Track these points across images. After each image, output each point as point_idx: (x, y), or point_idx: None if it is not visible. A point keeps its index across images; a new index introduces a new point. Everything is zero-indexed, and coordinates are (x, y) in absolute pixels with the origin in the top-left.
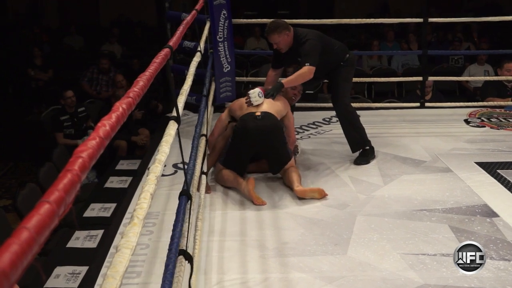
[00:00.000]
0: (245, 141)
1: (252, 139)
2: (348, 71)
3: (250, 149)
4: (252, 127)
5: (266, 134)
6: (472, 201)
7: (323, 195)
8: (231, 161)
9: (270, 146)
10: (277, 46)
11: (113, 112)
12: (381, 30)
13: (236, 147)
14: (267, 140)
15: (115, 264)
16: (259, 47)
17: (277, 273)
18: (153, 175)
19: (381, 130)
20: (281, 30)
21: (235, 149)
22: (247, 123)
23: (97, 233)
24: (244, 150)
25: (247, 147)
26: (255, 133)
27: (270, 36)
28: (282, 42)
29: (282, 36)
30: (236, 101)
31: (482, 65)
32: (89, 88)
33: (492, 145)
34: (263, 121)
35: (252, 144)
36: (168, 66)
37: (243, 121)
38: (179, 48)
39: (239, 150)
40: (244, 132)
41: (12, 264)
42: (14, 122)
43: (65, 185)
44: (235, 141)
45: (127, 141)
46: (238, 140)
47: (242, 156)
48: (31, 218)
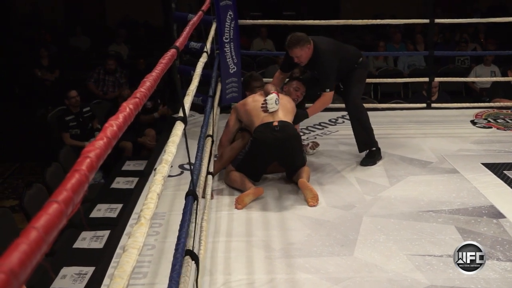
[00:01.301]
0: (264, 153)
1: (272, 151)
2: (362, 73)
3: (268, 160)
4: (272, 139)
5: (285, 145)
6: (479, 202)
7: (315, 202)
8: (245, 168)
9: (289, 155)
10: (299, 60)
11: (120, 112)
12: (387, 31)
13: (253, 157)
14: (286, 150)
15: (122, 264)
16: (265, 48)
17: (283, 274)
18: (160, 176)
19: (387, 131)
20: (303, 44)
21: (251, 158)
22: (266, 136)
23: (104, 234)
24: (261, 161)
25: (265, 158)
26: (274, 145)
27: (292, 50)
28: (304, 56)
29: (304, 50)
30: (242, 104)
31: (489, 66)
32: (95, 88)
33: (498, 146)
34: (281, 132)
35: (271, 156)
36: (175, 66)
37: (261, 133)
38: (186, 49)
39: (256, 160)
40: (263, 144)
41: (21, 264)
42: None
43: (73, 185)
44: (252, 152)
45: (133, 143)
46: (256, 151)
47: (259, 166)
48: (40, 217)
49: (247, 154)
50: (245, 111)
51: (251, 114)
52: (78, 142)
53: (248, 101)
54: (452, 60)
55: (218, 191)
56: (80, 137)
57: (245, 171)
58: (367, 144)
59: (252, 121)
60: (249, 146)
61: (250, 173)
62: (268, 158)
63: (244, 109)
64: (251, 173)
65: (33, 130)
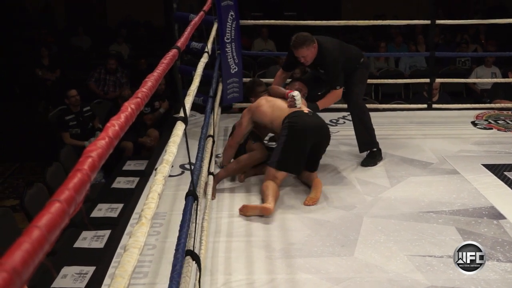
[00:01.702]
0: (305, 136)
1: (310, 134)
2: (363, 73)
3: (307, 144)
4: (310, 122)
5: (321, 132)
6: (479, 203)
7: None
8: (287, 162)
9: (324, 143)
10: (304, 59)
11: (122, 112)
12: (388, 31)
13: (293, 145)
14: (321, 137)
15: (124, 263)
16: (266, 48)
17: (283, 274)
18: (161, 175)
19: (388, 132)
20: (309, 43)
21: (292, 147)
22: (304, 119)
23: (104, 233)
24: (303, 146)
25: (306, 142)
26: (314, 129)
27: (299, 50)
28: (310, 56)
29: (310, 50)
30: (256, 107)
31: (490, 67)
32: (96, 88)
33: (499, 147)
34: (315, 117)
35: (310, 139)
36: (176, 67)
37: (298, 118)
38: (187, 49)
39: (298, 147)
40: (304, 127)
41: (24, 262)
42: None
43: (75, 184)
44: (293, 139)
45: (134, 143)
46: (297, 136)
47: (302, 153)
48: (42, 217)
49: (285, 146)
50: (263, 112)
51: (273, 112)
52: (77, 141)
53: (261, 103)
54: (453, 61)
55: (219, 191)
56: (81, 136)
57: (287, 166)
58: (368, 144)
59: (276, 117)
60: (287, 135)
61: (292, 166)
62: (308, 142)
63: (261, 110)
64: (293, 167)
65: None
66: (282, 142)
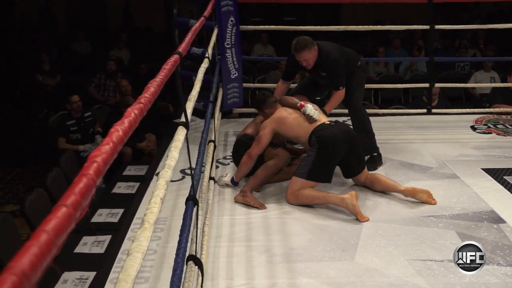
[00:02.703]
0: (335, 148)
1: (342, 144)
2: (362, 77)
3: (340, 154)
4: (337, 133)
5: (350, 135)
6: (479, 207)
7: (431, 199)
8: (318, 173)
9: (356, 147)
10: (307, 62)
11: (126, 117)
12: (388, 36)
13: (325, 157)
14: (354, 142)
15: (127, 268)
16: (266, 53)
17: (284, 279)
18: (163, 180)
19: (388, 136)
20: (310, 46)
21: (324, 159)
22: (331, 131)
23: (105, 239)
24: (335, 157)
25: (336, 153)
26: (343, 138)
27: (301, 53)
28: (312, 58)
29: (311, 52)
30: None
31: (488, 71)
32: (96, 93)
33: (498, 152)
34: (339, 125)
35: (343, 149)
36: (178, 72)
37: (325, 131)
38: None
39: (330, 158)
40: (333, 140)
41: (32, 266)
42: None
43: (81, 189)
44: (324, 151)
45: (133, 148)
46: (328, 149)
47: (333, 164)
48: (49, 221)
49: (316, 159)
50: (288, 124)
51: (298, 125)
52: (72, 146)
53: (284, 114)
54: (452, 66)
55: (220, 195)
56: (81, 141)
57: (319, 177)
58: (368, 149)
59: (301, 133)
60: (318, 148)
61: (323, 177)
62: (338, 153)
63: (286, 123)
64: (325, 177)
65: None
66: (313, 155)
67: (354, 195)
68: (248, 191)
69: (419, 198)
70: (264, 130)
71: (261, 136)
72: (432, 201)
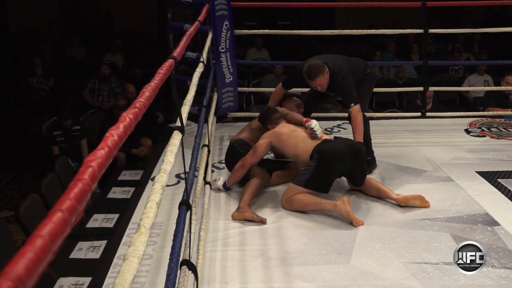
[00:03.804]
0: (338, 160)
1: (345, 156)
2: (370, 84)
3: (342, 167)
4: (342, 146)
5: (356, 149)
6: (473, 210)
7: (424, 203)
8: (316, 183)
9: (361, 159)
10: (321, 87)
11: (121, 122)
12: (382, 40)
13: (325, 168)
14: (359, 154)
15: (123, 272)
16: (260, 57)
17: (280, 283)
18: (159, 185)
19: (382, 140)
20: (323, 71)
21: (324, 171)
22: (335, 147)
23: (100, 244)
24: (336, 169)
25: (338, 166)
26: (347, 151)
27: (316, 80)
28: (325, 82)
29: (325, 76)
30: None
31: (482, 75)
32: (90, 98)
33: (492, 155)
34: (343, 139)
35: (347, 161)
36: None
37: (328, 144)
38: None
39: (330, 170)
40: (335, 152)
41: (28, 271)
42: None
43: (76, 194)
44: (324, 163)
45: (127, 153)
46: (329, 161)
47: (333, 176)
48: (45, 226)
49: (316, 169)
50: (285, 142)
51: (296, 145)
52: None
53: (283, 131)
54: (446, 70)
55: (215, 200)
56: (69, 151)
57: (314, 186)
58: None
59: (301, 151)
60: (320, 163)
61: (321, 187)
62: (341, 165)
63: (283, 140)
64: (322, 187)
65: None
66: (313, 165)
67: (346, 201)
68: (246, 206)
69: (413, 204)
70: (262, 141)
71: (258, 147)
72: (426, 205)
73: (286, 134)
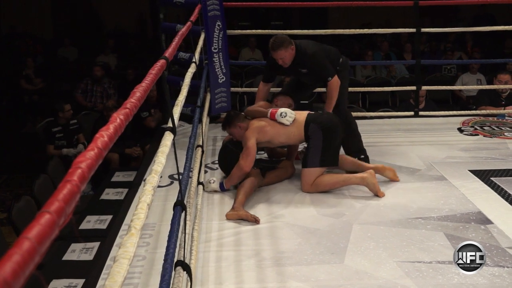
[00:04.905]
0: (337, 131)
1: (340, 128)
2: (345, 77)
3: (341, 137)
4: (333, 119)
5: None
6: (467, 209)
7: (396, 177)
8: (330, 158)
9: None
10: (283, 61)
11: (111, 122)
12: (375, 40)
13: (332, 141)
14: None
15: (114, 274)
16: (253, 57)
17: (274, 283)
18: (150, 186)
19: (375, 139)
20: (287, 45)
21: (331, 144)
22: (329, 119)
23: (93, 245)
24: (338, 140)
25: (339, 136)
26: (340, 123)
27: (277, 52)
28: (288, 57)
29: (288, 51)
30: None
31: (475, 74)
32: (83, 100)
33: (485, 153)
34: (324, 113)
35: (341, 134)
36: (164, 77)
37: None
38: (174, 59)
39: (336, 142)
40: (334, 125)
41: (14, 274)
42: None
43: (65, 195)
44: (329, 136)
45: (120, 154)
46: (333, 134)
47: (339, 146)
48: (32, 228)
49: (324, 146)
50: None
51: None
52: (59, 151)
53: (262, 124)
54: (438, 69)
55: (208, 200)
56: (67, 147)
57: (330, 162)
58: (355, 152)
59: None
60: (324, 136)
61: (334, 161)
62: (341, 135)
63: (269, 130)
64: (335, 160)
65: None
66: (320, 143)
67: (373, 174)
68: (240, 206)
69: (386, 175)
70: (249, 141)
71: (248, 148)
72: (396, 179)
73: (266, 125)
